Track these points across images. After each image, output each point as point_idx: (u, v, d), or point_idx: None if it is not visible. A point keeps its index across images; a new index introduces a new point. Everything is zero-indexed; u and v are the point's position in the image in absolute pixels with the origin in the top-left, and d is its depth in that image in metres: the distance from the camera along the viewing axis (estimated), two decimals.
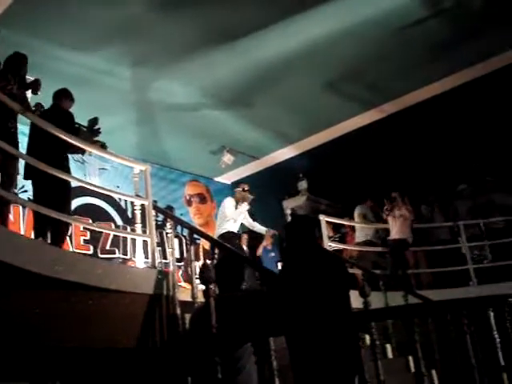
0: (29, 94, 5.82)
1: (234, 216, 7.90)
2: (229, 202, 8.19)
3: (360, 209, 9.69)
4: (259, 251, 10.10)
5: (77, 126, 6.37)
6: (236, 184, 9.24)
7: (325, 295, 3.62)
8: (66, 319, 4.64)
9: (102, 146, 6.50)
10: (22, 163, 5.89)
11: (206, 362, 3.43)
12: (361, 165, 10.37)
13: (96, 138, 6.53)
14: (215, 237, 7.71)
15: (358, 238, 9.63)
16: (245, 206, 8.10)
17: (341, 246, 9.25)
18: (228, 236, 7.89)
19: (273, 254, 10.05)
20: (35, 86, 5.64)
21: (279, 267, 8.71)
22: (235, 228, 8.11)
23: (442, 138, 9.70)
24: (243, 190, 8.35)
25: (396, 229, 8.89)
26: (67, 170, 5.93)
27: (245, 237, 10.65)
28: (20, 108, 5.35)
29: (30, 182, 6.03)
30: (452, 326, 5.50)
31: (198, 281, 5.51)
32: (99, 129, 6.54)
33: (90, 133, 6.43)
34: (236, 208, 8.04)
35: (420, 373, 3.13)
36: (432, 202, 9.75)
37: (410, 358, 6.11)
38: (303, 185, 10.40)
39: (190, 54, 8.43)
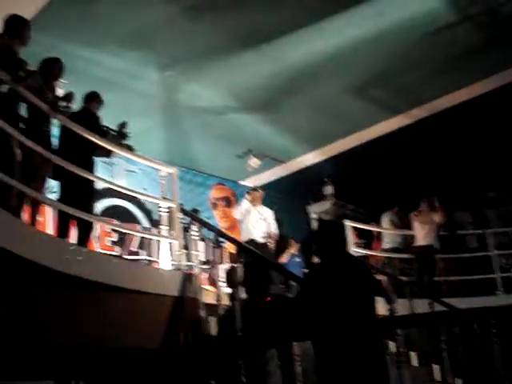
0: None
1: (243, 219, 7.90)
2: (239, 206, 8.19)
3: (389, 215, 9.64)
4: (284, 258, 10.05)
5: (105, 128, 6.45)
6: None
7: (351, 301, 3.60)
8: (92, 319, 4.68)
9: (129, 148, 6.56)
10: None
11: (231, 366, 3.43)
12: (387, 171, 10.30)
13: (124, 142, 6.59)
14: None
15: (387, 244, 9.57)
16: (260, 209, 8.07)
17: (365, 252, 9.20)
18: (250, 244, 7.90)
19: (299, 260, 10.00)
20: (69, 99, 5.75)
21: (304, 273, 8.69)
22: (257, 234, 8.06)
23: (471, 144, 9.60)
24: (253, 189, 8.33)
25: (422, 235, 8.81)
26: (93, 172, 6.01)
27: None
28: (50, 110, 5.45)
29: (56, 182, 6.12)
30: (479, 334, 5.45)
31: (222, 284, 5.54)
32: (128, 132, 6.61)
33: (118, 136, 6.51)
34: (249, 210, 8.02)
35: (446, 382, 3.08)
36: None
37: (435, 366, 6.04)
38: (329, 190, 10.37)
39: (217, 58, 8.46)
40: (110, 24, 7.50)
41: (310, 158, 11.83)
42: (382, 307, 4.10)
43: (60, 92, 5.98)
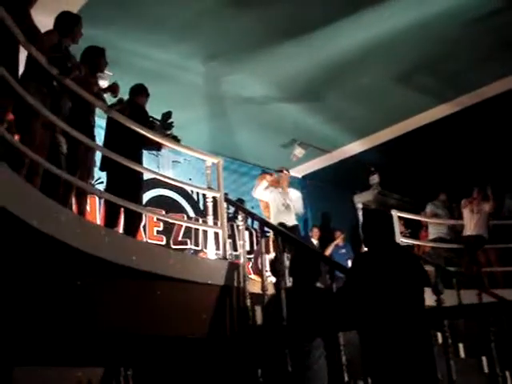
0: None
1: (267, 199, 7.86)
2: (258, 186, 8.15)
3: (429, 206, 9.51)
4: (329, 250, 10.02)
5: (150, 119, 6.53)
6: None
7: (400, 291, 3.58)
8: (140, 308, 4.77)
9: (174, 139, 6.62)
10: (98, 155, 6.09)
11: (277, 355, 3.46)
12: (434, 159, 10.16)
13: (169, 132, 6.66)
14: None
15: (432, 234, 9.46)
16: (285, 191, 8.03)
17: (412, 242, 9.10)
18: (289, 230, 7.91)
19: (344, 251, 9.97)
20: (114, 89, 5.81)
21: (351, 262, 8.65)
22: (288, 218, 8.05)
23: None
24: (277, 170, 8.28)
25: (473, 224, 8.66)
26: (141, 163, 6.10)
27: (315, 231, 10.63)
28: (106, 108, 5.55)
29: (104, 173, 6.24)
30: None
31: (268, 273, 5.57)
32: (172, 122, 6.66)
33: (163, 126, 6.57)
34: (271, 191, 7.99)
35: (494, 373, 3.04)
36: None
37: (484, 358, 5.96)
38: (375, 179, 10.25)
39: (262, 48, 8.45)
40: (156, 16, 7.57)
41: (355, 147, 11.73)
42: (429, 298, 4.05)
43: (104, 83, 6.07)
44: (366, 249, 4.14)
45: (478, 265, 8.48)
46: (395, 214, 8.15)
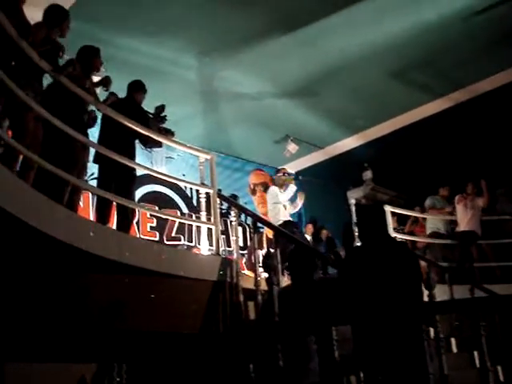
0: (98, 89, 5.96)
1: (278, 200, 7.94)
2: (271, 191, 8.24)
3: (428, 200, 9.53)
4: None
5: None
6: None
7: (392, 286, 3.59)
8: (132, 303, 4.76)
9: (168, 132, 6.60)
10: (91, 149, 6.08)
11: (269, 350, 3.47)
12: (427, 155, 10.16)
13: (162, 126, 6.64)
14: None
15: (429, 229, 9.45)
16: (292, 188, 8.12)
17: (404, 237, 9.12)
18: (283, 226, 7.92)
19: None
20: (106, 83, 5.78)
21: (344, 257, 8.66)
22: (288, 215, 8.14)
23: None
24: (283, 174, 8.36)
25: (466, 220, 8.69)
26: (134, 159, 6.09)
27: (309, 227, 10.65)
28: (99, 104, 5.54)
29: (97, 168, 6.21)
30: None
31: (261, 269, 5.58)
32: (165, 116, 6.65)
33: (156, 120, 6.55)
34: (280, 194, 8.07)
35: (485, 368, 3.06)
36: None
37: (475, 353, 5.98)
38: (368, 175, 10.25)
39: (255, 44, 8.45)
40: (149, 11, 7.56)
41: (349, 143, 11.76)
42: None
43: (96, 78, 6.04)
44: (358, 243, 4.15)
45: (470, 260, 8.51)
46: (388, 209, 8.17)
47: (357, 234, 7.99)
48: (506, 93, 9.56)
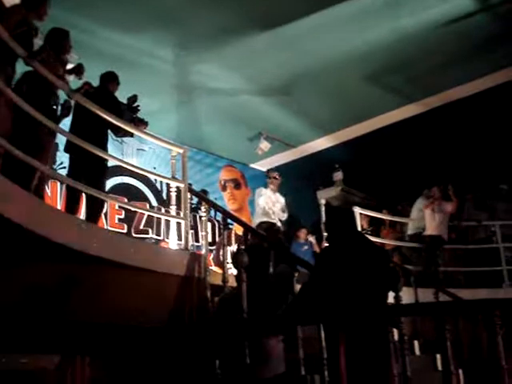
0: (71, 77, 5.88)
1: (270, 206, 7.99)
2: (260, 192, 8.26)
3: (419, 201, 9.51)
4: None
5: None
6: (268, 172, 9.27)
7: (361, 287, 3.61)
8: (98, 295, 4.72)
9: (141, 121, 6.56)
10: (62, 138, 6.00)
11: (235, 346, 3.46)
12: (399, 159, 10.27)
13: (134, 116, 6.60)
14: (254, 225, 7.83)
15: (409, 229, 9.49)
16: (279, 196, 8.18)
17: (373, 240, 9.19)
18: (266, 226, 7.96)
19: (306, 248, 10.00)
20: (79, 71, 5.70)
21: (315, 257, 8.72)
22: (274, 219, 8.18)
23: (484, 135, 9.54)
24: (275, 178, 8.40)
25: (434, 224, 8.78)
26: (106, 150, 6.03)
27: (303, 231, 10.55)
28: (70, 90, 5.45)
29: (68, 158, 6.14)
30: (483, 326, 5.46)
31: (229, 265, 5.57)
32: (138, 106, 6.60)
33: (128, 110, 6.50)
34: (271, 198, 8.12)
35: (448, 371, 3.10)
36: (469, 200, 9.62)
37: (438, 356, 6.06)
38: (338, 176, 10.33)
39: (232, 40, 8.42)
40: (127, 2, 7.47)
41: (321, 144, 11.81)
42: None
43: (70, 66, 5.96)
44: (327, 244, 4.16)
45: (436, 264, 8.61)
46: (357, 210, 8.24)
47: (325, 234, 8.12)
48: (476, 101, 9.71)
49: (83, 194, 5.84)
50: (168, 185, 7.24)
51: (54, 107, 5.57)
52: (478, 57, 8.94)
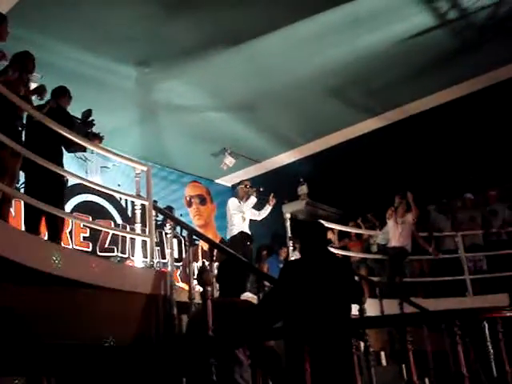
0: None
1: (241, 210, 8.10)
2: (232, 202, 8.36)
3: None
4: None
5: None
6: (237, 185, 9.35)
7: (325, 300, 3.64)
8: (62, 316, 4.66)
9: (95, 136, 6.48)
10: None
11: (202, 364, 3.45)
12: (362, 172, 10.39)
13: (89, 130, 6.52)
14: (227, 237, 7.87)
15: (381, 240, 9.54)
16: (253, 199, 8.28)
17: (339, 253, 9.26)
18: (240, 237, 8.02)
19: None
20: (41, 92, 5.67)
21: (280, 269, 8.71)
22: (246, 228, 8.25)
23: (445, 147, 9.73)
24: (246, 186, 8.49)
25: (397, 235, 8.87)
26: (61, 166, 5.95)
27: (284, 250, 10.44)
28: (36, 112, 5.41)
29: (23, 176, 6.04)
30: (446, 335, 5.56)
31: (195, 282, 5.56)
32: (93, 120, 6.53)
33: (83, 124, 6.44)
34: (240, 204, 8.24)
35: (411, 381, 3.15)
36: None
37: (404, 366, 6.13)
38: (303, 189, 10.40)
39: (195, 56, 8.47)
40: (88, 19, 7.47)
41: (285, 158, 11.91)
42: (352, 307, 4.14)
43: (32, 85, 5.91)
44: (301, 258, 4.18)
45: (402, 275, 8.69)
46: (324, 224, 8.29)
47: (291, 247, 8.18)
48: (437, 114, 9.92)
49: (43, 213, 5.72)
50: (133, 202, 7.21)
51: (19, 128, 5.52)
52: (437, 71, 9.15)
